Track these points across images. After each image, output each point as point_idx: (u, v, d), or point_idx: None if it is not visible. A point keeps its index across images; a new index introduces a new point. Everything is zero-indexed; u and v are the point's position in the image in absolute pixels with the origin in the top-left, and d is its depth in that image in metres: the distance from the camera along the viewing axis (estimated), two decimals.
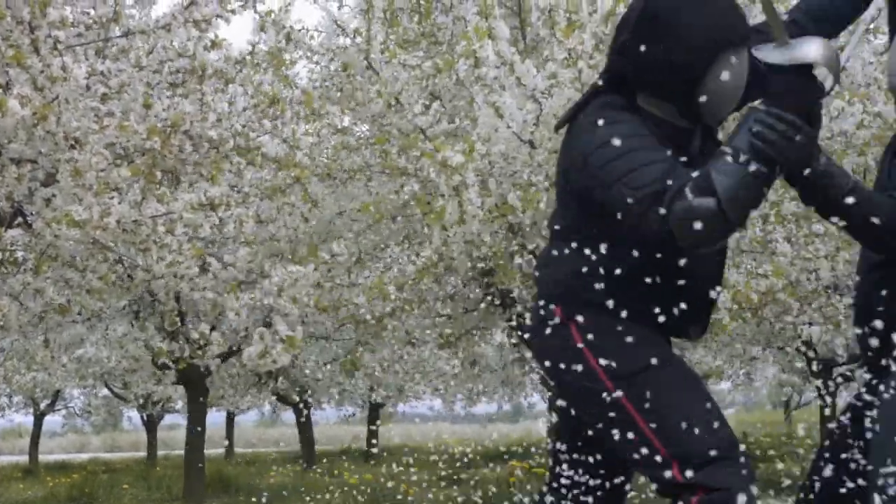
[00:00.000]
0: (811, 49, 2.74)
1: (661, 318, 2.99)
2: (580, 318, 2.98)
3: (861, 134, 7.01)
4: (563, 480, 3.21)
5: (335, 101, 7.15)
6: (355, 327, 8.19)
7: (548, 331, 3.07)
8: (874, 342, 2.92)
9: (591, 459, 3.17)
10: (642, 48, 2.93)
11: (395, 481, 9.78)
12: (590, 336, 2.97)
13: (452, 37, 7.40)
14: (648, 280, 2.94)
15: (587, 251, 2.98)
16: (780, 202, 7.20)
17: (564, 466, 3.21)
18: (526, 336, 8.55)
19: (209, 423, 13.54)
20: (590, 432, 3.09)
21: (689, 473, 2.83)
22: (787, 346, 15.74)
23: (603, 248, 2.95)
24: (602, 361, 2.94)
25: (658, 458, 2.88)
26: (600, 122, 2.94)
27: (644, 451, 2.88)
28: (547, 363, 3.08)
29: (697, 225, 2.67)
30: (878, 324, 2.88)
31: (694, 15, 2.91)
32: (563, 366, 3.01)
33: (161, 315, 9.56)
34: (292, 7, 7.25)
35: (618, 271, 2.94)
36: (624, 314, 2.96)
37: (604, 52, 6.39)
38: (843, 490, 3.05)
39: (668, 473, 2.86)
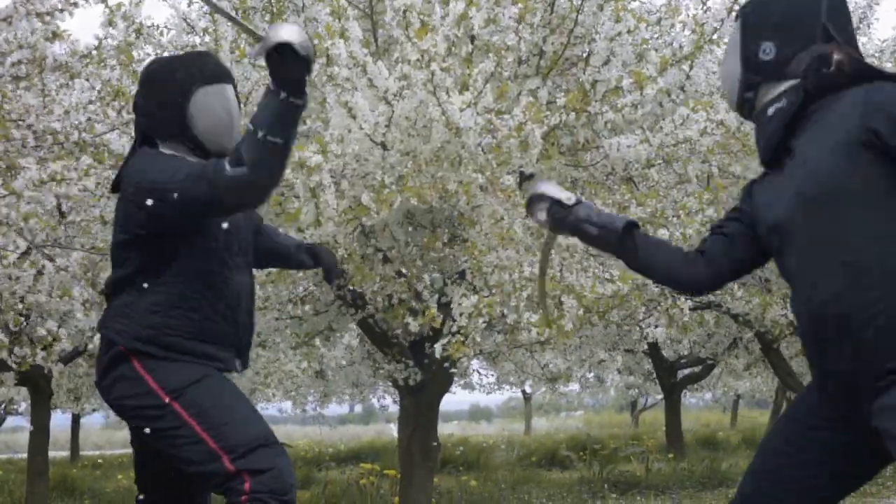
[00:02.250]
0: (279, 33, 3.20)
1: (206, 351, 3.60)
2: (137, 351, 3.52)
3: (705, 141, 7.17)
4: None
5: None
6: None
7: (110, 363, 3.58)
8: None
9: None
10: (142, 102, 3.73)
11: None
12: (147, 363, 3.51)
13: None
14: (192, 318, 3.57)
15: (141, 296, 3.58)
16: (626, 207, 7.32)
17: None
18: (378, 337, 8.57)
19: (54, 426, 13.23)
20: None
21: (238, 462, 3.36)
22: (633, 349, 16.07)
23: (153, 295, 3.56)
24: (159, 381, 3.49)
25: (210, 453, 3.39)
26: (142, 159, 3.63)
27: (200, 448, 3.40)
28: (114, 393, 3.60)
29: (237, 190, 3.31)
30: None
31: (166, 68, 3.73)
32: (128, 392, 3.54)
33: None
34: (143, 1, 7.09)
35: (163, 315, 3.54)
36: (170, 349, 3.54)
37: (456, 55, 6.44)
38: None
39: (220, 466, 3.37)
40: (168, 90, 3.65)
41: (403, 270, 7.26)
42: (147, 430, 3.54)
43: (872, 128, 2.76)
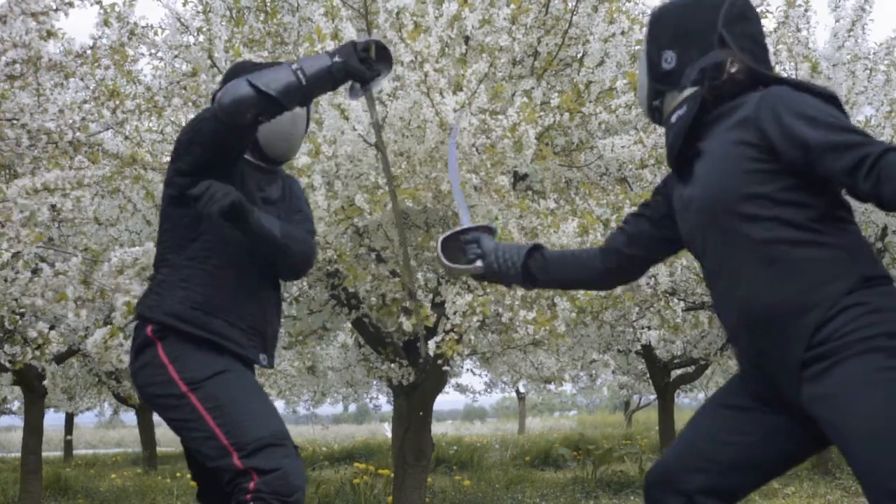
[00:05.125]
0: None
1: (233, 347, 3.66)
2: (166, 339, 3.60)
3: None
4: None
5: (180, 97, 7.04)
6: None
7: (140, 348, 3.66)
8: None
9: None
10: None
11: None
12: (171, 352, 3.58)
13: (298, 37, 7.36)
14: (219, 294, 3.66)
15: (172, 272, 3.69)
16: (620, 208, 7.34)
17: None
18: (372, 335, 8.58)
19: (48, 425, 13.22)
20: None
21: (246, 460, 3.38)
22: (627, 350, 16.06)
23: (184, 270, 3.67)
24: (180, 371, 3.55)
25: (222, 449, 3.42)
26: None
27: (212, 443, 3.44)
28: (140, 379, 3.67)
29: (231, 101, 3.39)
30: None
31: (251, 66, 3.76)
32: (152, 379, 3.62)
33: None
34: (136, 1, 7.10)
35: (190, 289, 3.64)
36: (203, 340, 3.61)
37: (450, 56, 6.44)
38: None
39: (230, 462, 3.40)
40: None
41: (397, 270, 7.26)
42: (166, 418, 3.63)
43: (762, 128, 2.84)
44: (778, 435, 3.00)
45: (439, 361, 7.13)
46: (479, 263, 3.46)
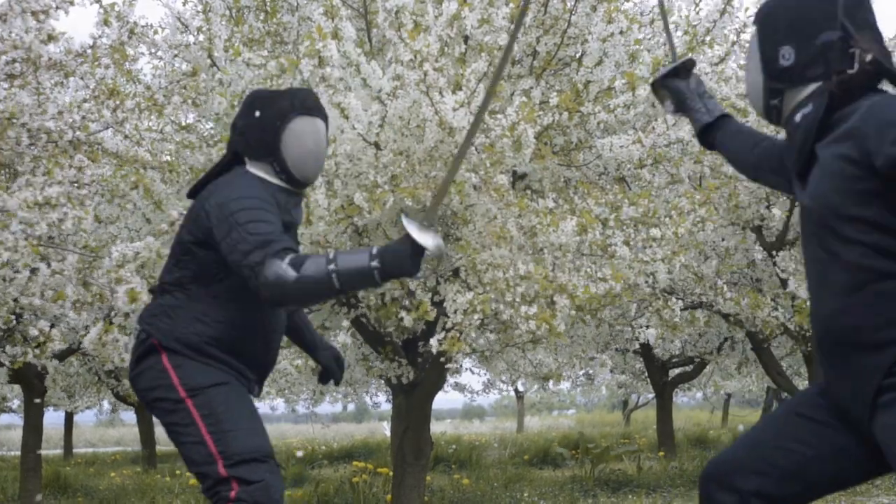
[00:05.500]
0: (429, 241, 3.37)
1: (236, 366, 3.80)
2: (170, 348, 3.72)
3: (697, 142, 7.19)
4: None
5: (180, 96, 7.05)
6: None
7: (142, 355, 3.79)
8: None
9: None
10: (241, 122, 3.90)
11: None
12: (174, 360, 3.71)
13: (298, 36, 7.37)
14: (233, 335, 3.77)
15: (190, 301, 3.77)
16: (619, 207, 7.35)
17: None
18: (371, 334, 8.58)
19: (48, 423, 13.21)
20: None
21: (230, 469, 3.52)
22: (625, 348, 16.07)
23: (202, 304, 3.76)
24: (181, 377, 3.68)
25: (209, 455, 3.56)
26: (238, 179, 3.79)
27: (200, 449, 3.58)
28: (140, 383, 3.81)
29: (274, 284, 3.41)
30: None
31: (271, 94, 3.93)
32: (153, 384, 3.75)
33: None
34: (136, 1, 7.11)
35: (208, 325, 3.74)
36: (204, 355, 3.73)
37: (449, 55, 6.45)
38: None
39: (214, 469, 3.54)
40: (268, 114, 3.84)
41: None
42: (161, 421, 3.75)
43: (864, 145, 2.71)
44: (840, 456, 2.96)
45: (442, 359, 7.14)
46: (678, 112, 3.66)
